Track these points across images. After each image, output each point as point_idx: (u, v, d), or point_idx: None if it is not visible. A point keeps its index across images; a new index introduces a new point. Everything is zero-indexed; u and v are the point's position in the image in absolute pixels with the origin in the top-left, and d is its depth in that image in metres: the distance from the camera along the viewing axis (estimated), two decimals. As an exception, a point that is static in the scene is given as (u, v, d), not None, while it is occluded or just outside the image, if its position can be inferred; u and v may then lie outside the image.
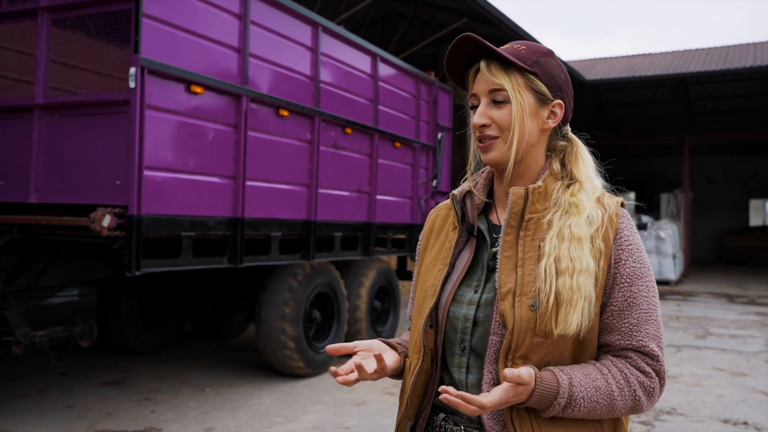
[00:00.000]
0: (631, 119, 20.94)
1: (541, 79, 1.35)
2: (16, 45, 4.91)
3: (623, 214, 1.36)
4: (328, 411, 5.24)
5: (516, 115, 1.33)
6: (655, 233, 15.79)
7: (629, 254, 1.32)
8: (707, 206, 23.35)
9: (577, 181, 1.37)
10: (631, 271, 1.31)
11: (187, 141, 4.54)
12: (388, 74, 7.22)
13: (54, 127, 4.52)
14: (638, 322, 1.30)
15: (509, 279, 1.30)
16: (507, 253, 1.33)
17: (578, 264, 1.27)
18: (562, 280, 1.26)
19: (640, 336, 1.30)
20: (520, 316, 1.27)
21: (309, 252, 5.84)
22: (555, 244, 1.29)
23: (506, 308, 1.28)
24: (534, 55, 1.37)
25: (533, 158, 1.40)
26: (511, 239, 1.34)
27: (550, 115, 1.38)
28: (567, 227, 1.30)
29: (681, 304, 12.66)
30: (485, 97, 1.37)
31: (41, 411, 4.97)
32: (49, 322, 5.60)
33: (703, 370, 6.93)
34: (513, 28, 11.94)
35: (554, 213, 1.33)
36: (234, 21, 4.94)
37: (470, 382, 1.36)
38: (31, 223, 4.43)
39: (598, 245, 1.30)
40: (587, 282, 1.26)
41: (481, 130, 1.37)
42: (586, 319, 1.26)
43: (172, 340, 7.28)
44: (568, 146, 1.43)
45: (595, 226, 1.31)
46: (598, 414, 1.29)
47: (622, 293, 1.31)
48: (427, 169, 8.01)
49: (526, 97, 1.34)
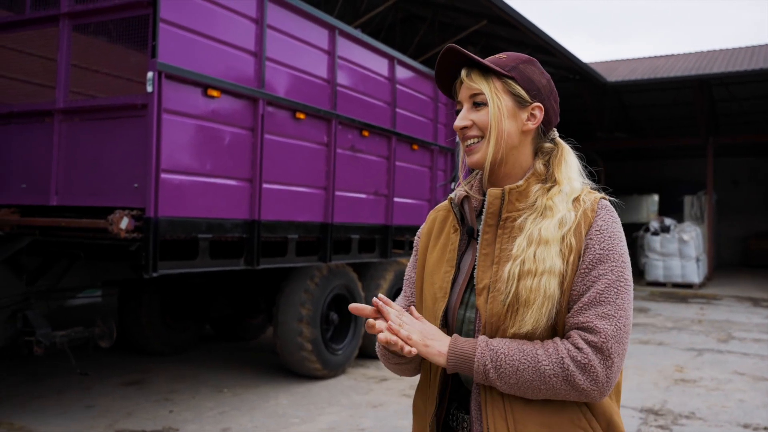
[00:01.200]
0: (654, 121, 20.71)
1: (519, 83, 1.42)
2: (38, 51, 5.01)
3: (601, 207, 1.38)
4: (345, 413, 5.26)
5: (492, 115, 1.40)
6: (678, 236, 15.62)
7: (598, 241, 1.34)
8: (732, 209, 23.00)
9: (556, 183, 1.42)
10: (594, 257, 1.33)
11: (203, 144, 4.59)
12: (406, 77, 7.24)
13: (74, 131, 4.60)
14: (589, 302, 1.30)
15: (485, 275, 1.38)
16: (485, 251, 1.40)
17: (541, 265, 1.30)
18: (524, 282, 1.31)
19: (588, 314, 1.30)
20: (491, 311, 1.34)
21: (326, 254, 5.87)
22: (523, 246, 1.34)
23: (481, 303, 1.37)
24: (514, 62, 1.44)
25: (517, 160, 1.45)
26: (489, 237, 1.41)
27: (530, 117, 1.44)
28: (537, 230, 1.34)
29: (704, 307, 12.50)
30: (467, 102, 1.44)
31: (62, 410, 5.06)
32: (71, 322, 5.69)
33: (724, 375, 6.84)
34: (533, 30, 11.89)
35: (528, 215, 1.38)
36: (251, 25, 4.99)
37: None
38: (52, 225, 4.50)
39: (568, 242, 1.33)
40: (550, 282, 1.30)
41: (462, 131, 1.44)
42: (544, 318, 1.30)
43: (191, 342, 7.36)
44: (555, 149, 1.48)
45: (566, 227, 1.34)
46: (527, 378, 1.28)
47: (582, 278, 1.32)
48: (446, 171, 8.01)
49: (503, 100, 1.41)
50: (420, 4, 12.99)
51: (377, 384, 6.19)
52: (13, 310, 4.68)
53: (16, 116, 4.84)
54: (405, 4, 12.86)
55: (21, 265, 4.82)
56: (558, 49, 12.99)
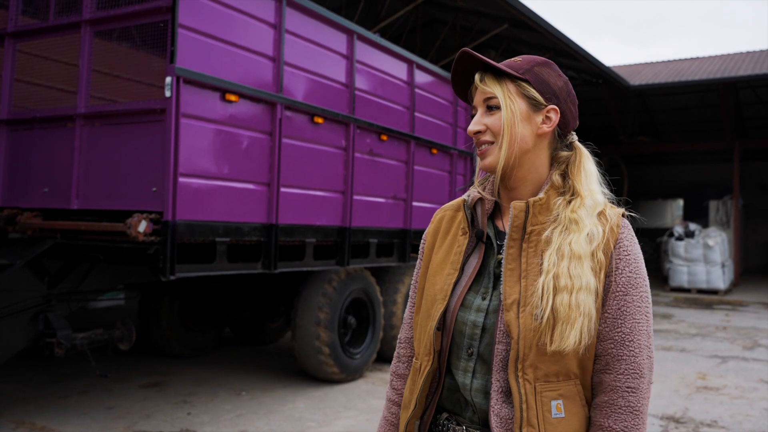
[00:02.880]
0: (679, 124, 20.45)
1: (533, 86, 1.39)
2: (62, 57, 5.09)
3: (624, 225, 1.39)
4: (361, 417, 5.25)
5: (506, 119, 1.38)
6: (703, 241, 15.39)
7: (626, 264, 1.35)
8: (760, 213, 22.59)
9: (578, 196, 1.39)
10: (626, 281, 1.34)
11: (221, 148, 4.62)
12: (425, 81, 7.23)
13: (94, 136, 4.67)
14: (631, 332, 1.33)
15: (513, 290, 1.34)
16: (511, 266, 1.36)
17: (578, 282, 1.29)
18: (560, 298, 1.28)
19: (633, 346, 1.33)
20: (525, 326, 1.30)
21: (344, 258, 5.88)
22: (554, 260, 1.32)
23: (511, 319, 1.32)
24: (528, 64, 1.42)
25: (532, 164, 1.42)
26: (515, 252, 1.37)
27: (545, 120, 1.41)
28: (567, 244, 1.32)
29: (729, 314, 12.30)
30: (481, 107, 1.43)
31: (83, 411, 5.12)
32: (93, 325, 5.77)
33: (749, 383, 6.72)
34: (554, 34, 11.81)
35: (554, 229, 1.36)
36: (269, 30, 5.02)
37: (475, 386, 1.39)
38: (73, 228, 4.57)
39: (598, 258, 1.33)
40: (587, 299, 1.29)
41: (476, 136, 1.43)
42: (586, 336, 1.29)
43: (210, 344, 7.41)
44: (572, 156, 1.45)
45: (596, 242, 1.33)
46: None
47: (616, 302, 1.33)
48: (465, 175, 7.99)
49: (517, 103, 1.38)
50: (441, 8, 12.98)
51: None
52: (35, 311, 4.75)
53: (39, 121, 4.92)
54: (426, 8, 12.86)
55: (43, 267, 4.88)
56: (580, 52, 12.88)
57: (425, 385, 1.44)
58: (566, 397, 1.32)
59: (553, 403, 1.30)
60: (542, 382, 1.30)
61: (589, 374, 1.36)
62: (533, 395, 1.29)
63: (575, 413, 1.33)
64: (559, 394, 1.31)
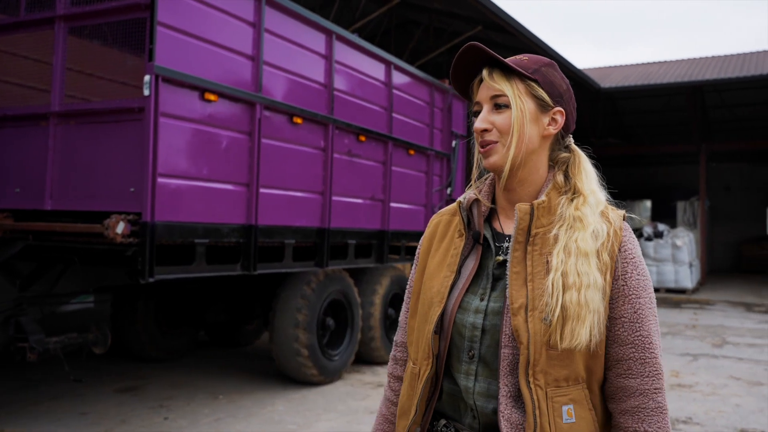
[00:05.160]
0: (648, 127, 20.79)
1: (542, 87, 1.39)
2: (33, 53, 4.96)
3: (626, 227, 1.40)
4: (341, 419, 5.22)
5: (516, 118, 1.36)
6: (672, 241, 15.66)
7: (634, 267, 1.35)
8: (725, 215, 23.09)
9: (581, 195, 1.39)
10: (637, 284, 1.34)
11: (200, 148, 4.55)
12: (402, 82, 7.22)
13: (69, 135, 4.56)
14: (649, 334, 1.34)
15: (520, 294, 1.32)
16: (516, 269, 1.35)
17: (585, 279, 1.29)
18: (569, 295, 1.28)
19: (652, 348, 1.34)
20: (534, 330, 1.29)
21: (322, 259, 5.84)
22: (562, 258, 1.31)
23: (519, 323, 1.30)
24: (536, 64, 1.41)
25: (534, 165, 1.42)
26: (519, 255, 1.36)
27: (551, 122, 1.40)
28: (573, 242, 1.32)
29: (697, 312, 12.52)
30: (487, 104, 1.40)
31: (55, 417, 5.00)
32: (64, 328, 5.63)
33: (720, 379, 6.84)
34: (528, 36, 11.92)
35: (559, 227, 1.35)
36: (248, 29, 4.96)
37: (478, 390, 1.36)
38: (46, 229, 4.46)
39: (603, 259, 1.33)
40: (595, 296, 1.29)
41: (482, 134, 1.40)
42: (597, 333, 1.29)
43: (186, 348, 7.30)
44: (571, 157, 1.46)
45: (600, 240, 1.33)
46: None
47: (630, 305, 1.34)
48: (442, 176, 7.99)
49: (526, 102, 1.37)
50: (416, 10, 12.99)
51: (374, 390, 6.15)
52: (6, 316, 4.62)
53: (11, 119, 4.80)
54: (400, 10, 12.86)
55: (14, 270, 4.76)
56: (552, 54, 13.02)
57: (425, 390, 1.42)
58: (576, 401, 1.31)
59: (564, 408, 1.30)
60: (553, 388, 1.29)
61: (595, 378, 1.35)
62: (545, 401, 1.28)
63: (584, 418, 1.32)
64: (569, 398, 1.30)
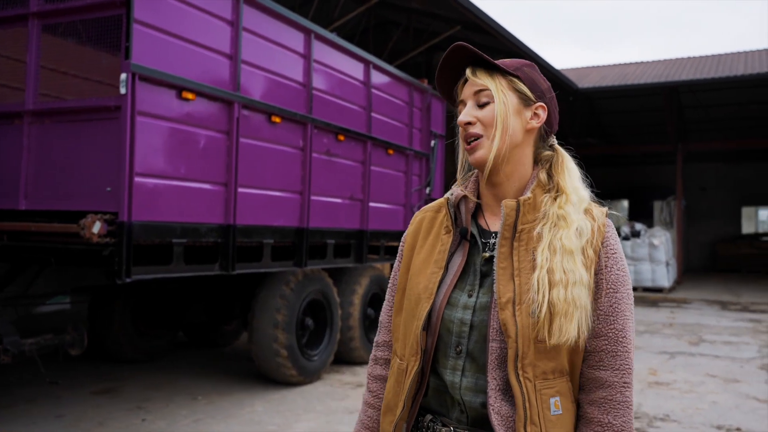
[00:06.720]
0: (625, 127, 20.98)
1: (524, 83, 1.43)
2: (5, 51, 4.89)
3: (609, 224, 1.43)
4: (321, 419, 5.20)
5: (499, 111, 1.39)
6: (649, 240, 15.82)
7: (614, 261, 1.38)
8: (701, 214, 23.40)
9: (563, 193, 1.42)
10: (615, 278, 1.37)
11: (178, 147, 4.52)
12: (381, 82, 7.22)
13: (44, 134, 4.50)
14: (623, 328, 1.36)
15: (507, 289, 1.34)
16: (503, 264, 1.37)
17: (572, 276, 1.31)
18: (556, 292, 1.30)
19: (625, 342, 1.36)
20: (522, 324, 1.31)
21: (301, 259, 5.82)
22: (547, 255, 1.33)
23: (507, 317, 1.32)
24: (517, 64, 1.46)
25: (519, 160, 1.44)
26: (506, 250, 1.38)
27: (534, 116, 1.43)
28: (558, 239, 1.34)
29: (674, 311, 12.66)
30: (471, 100, 1.43)
31: (31, 420, 4.92)
32: (40, 330, 5.55)
33: (697, 377, 6.93)
34: (507, 37, 11.98)
35: (543, 225, 1.37)
36: (226, 27, 4.93)
37: (465, 385, 1.37)
38: (21, 230, 4.39)
39: (588, 255, 1.36)
40: (582, 293, 1.32)
41: (466, 128, 1.42)
42: (585, 329, 1.32)
43: (164, 349, 7.24)
44: (554, 156, 1.48)
45: (585, 237, 1.36)
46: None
47: (608, 299, 1.36)
48: (420, 176, 8.00)
49: (509, 96, 1.41)
50: (394, 10, 12.99)
51: (353, 390, 6.14)
52: (-20, 317, 4.56)
53: (-16, 118, 4.72)
54: (379, 9, 12.86)
55: (-12, 271, 4.70)
56: (530, 54, 13.10)
57: (412, 385, 1.42)
58: (562, 394, 1.33)
59: (552, 400, 1.32)
60: (541, 380, 1.31)
61: (577, 371, 1.37)
62: (534, 393, 1.30)
63: (568, 409, 1.35)
64: (556, 391, 1.32)
